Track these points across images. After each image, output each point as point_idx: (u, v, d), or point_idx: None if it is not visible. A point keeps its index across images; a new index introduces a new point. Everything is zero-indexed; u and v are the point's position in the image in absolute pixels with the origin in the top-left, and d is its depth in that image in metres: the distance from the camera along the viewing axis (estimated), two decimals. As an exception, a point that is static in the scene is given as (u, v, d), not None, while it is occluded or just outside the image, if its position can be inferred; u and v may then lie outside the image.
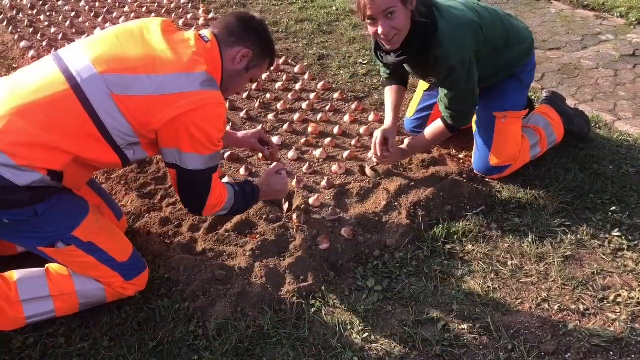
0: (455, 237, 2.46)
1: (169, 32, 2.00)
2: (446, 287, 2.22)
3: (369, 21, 2.31)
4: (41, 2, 5.20)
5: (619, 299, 2.14)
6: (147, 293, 2.16)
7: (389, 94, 2.84)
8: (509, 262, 2.32)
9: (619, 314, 2.08)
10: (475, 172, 2.84)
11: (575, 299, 2.15)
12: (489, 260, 2.34)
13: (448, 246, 2.41)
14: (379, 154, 2.68)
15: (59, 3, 5.20)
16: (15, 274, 2.01)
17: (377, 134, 2.68)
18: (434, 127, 2.70)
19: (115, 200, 2.66)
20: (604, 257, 2.34)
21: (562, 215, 2.56)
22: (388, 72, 2.83)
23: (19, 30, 4.58)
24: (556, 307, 2.11)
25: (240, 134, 2.61)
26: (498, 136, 2.73)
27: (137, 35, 1.95)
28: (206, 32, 2.06)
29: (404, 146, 2.78)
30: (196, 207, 2.10)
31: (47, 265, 2.07)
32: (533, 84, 3.73)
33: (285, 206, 2.57)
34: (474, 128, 2.85)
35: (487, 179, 2.81)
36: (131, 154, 1.97)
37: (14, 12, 4.95)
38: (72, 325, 2.06)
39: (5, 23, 4.71)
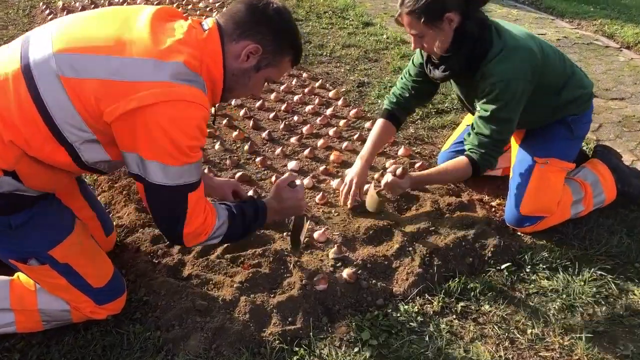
0: (472, 294, 2.18)
1: (162, 18, 1.68)
2: (452, 350, 1.94)
3: None
4: (93, 6, 5.31)
5: (655, 392, 1.81)
6: (120, 315, 1.99)
7: (378, 126, 2.71)
8: (529, 330, 2.02)
9: (652, 410, 1.75)
10: (506, 223, 2.55)
11: (602, 385, 1.83)
12: (506, 325, 2.05)
13: (462, 303, 2.13)
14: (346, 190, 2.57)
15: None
16: None
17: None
18: (456, 160, 2.43)
19: (113, 210, 2.54)
20: (643, 338, 2.01)
21: (599, 283, 2.23)
22: (391, 104, 2.71)
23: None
24: (577, 392, 1.80)
25: (216, 180, 2.26)
26: (534, 182, 2.46)
27: (122, 17, 1.66)
28: (208, 21, 1.71)
29: (416, 174, 2.49)
30: (172, 234, 1.75)
31: (16, 275, 1.92)
32: (588, 134, 3.42)
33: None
34: (511, 173, 2.58)
35: (518, 232, 2.52)
36: (88, 154, 1.64)
37: (65, 13, 5.05)
38: (32, 340, 1.90)
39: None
